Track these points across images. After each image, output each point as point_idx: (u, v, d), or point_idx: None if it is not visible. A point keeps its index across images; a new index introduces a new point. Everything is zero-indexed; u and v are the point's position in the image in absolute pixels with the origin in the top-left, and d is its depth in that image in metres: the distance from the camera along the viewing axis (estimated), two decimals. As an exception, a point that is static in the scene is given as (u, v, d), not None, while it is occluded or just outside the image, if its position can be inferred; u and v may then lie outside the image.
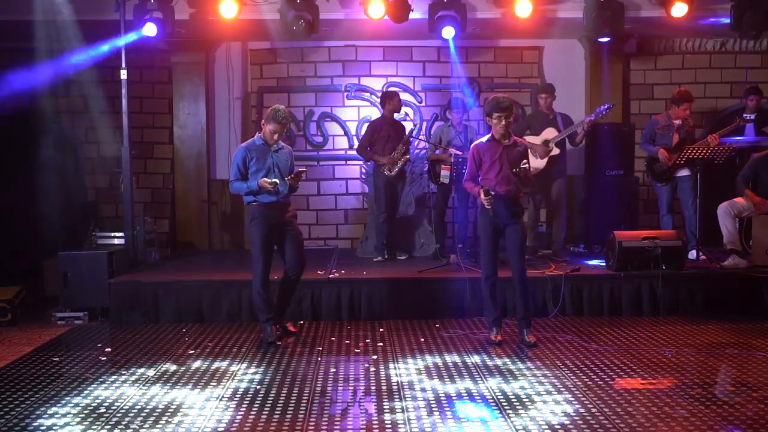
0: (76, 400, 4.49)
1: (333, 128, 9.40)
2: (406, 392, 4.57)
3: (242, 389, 4.67)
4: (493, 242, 5.71)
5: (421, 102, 9.37)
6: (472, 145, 5.81)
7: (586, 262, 7.54)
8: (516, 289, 5.74)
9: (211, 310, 6.72)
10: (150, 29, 7.52)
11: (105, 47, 7.82)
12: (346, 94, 9.37)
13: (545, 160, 7.57)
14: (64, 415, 4.22)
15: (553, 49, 9.37)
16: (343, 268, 7.38)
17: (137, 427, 4.01)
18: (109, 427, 4.03)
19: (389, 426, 3.99)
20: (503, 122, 5.56)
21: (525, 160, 5.62)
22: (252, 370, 5.12)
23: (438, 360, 5.32)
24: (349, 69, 9.35)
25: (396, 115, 8.12)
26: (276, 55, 9.34)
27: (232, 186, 5.85)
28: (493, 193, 5.52)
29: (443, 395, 4.50)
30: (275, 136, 5.76)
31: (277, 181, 5.66)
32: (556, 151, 7.66)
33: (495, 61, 9.41)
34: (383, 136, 7.87)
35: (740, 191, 7.16)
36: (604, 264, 7.20)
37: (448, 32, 7.78)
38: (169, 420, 4.13)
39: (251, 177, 5.74)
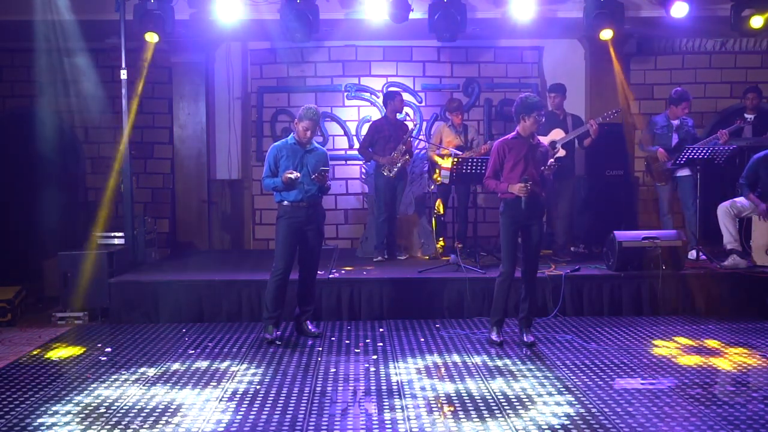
0: (76, 400, 4.49)
1: (333, 128, 9.40)
2: (406, 392, 4.57)
3: (242, 389, 4.67)
4: (514, 242, 5.65)
5: (421, 102, 9.37)
6: (498, 142, 5.69)
7: (586, 262, 7.55)
8: (524, 288, 5.71)
9: (211, 310, 6.71)
10: (151, 37, 7.52)
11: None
12: (346, 94, 9.37)
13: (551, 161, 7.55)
14: (64, 416, 4.22)
15: (553, 49, 9.37)
16: (343, 268, 7.38)
17: (137, 427, 4.01)
18: (109, 427, 4.03)
19: (389, 426, 3.99)
20: (542, 120, 5.58)
21: (552, 160, 5.62)
22: (252, 370, 5.12)
23: (438, 360, 5.32)
24: (349, 69, 9.35)
25: (398, 115, 8.13)
26: (276, 55, 9.33)
27: (263, 182, 5.94)
28: (531, 181, 5.44)
29: (443, 395, 4.51)
30: (308, 133, 5.82)
31: (295, 173, 5.68)
32: (562, 152, 7.61)
33: (495, 61, 9.41)
34: (384, 137, 7.88)
35: (745, 196, 7.14)
36: (604, 264, 7.20)
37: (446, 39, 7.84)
38: (169, 420, 4.13)
39: (281, 175, 5.81)
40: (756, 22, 7.77)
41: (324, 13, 7.79)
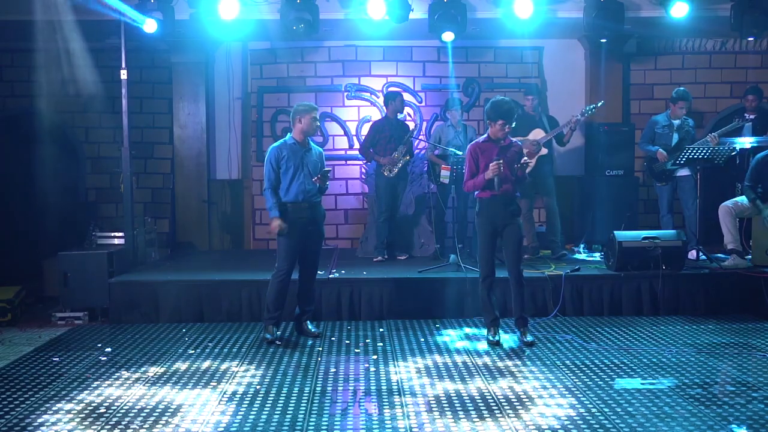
0: (76, 400, 4.49)
1: (333, 128, 9.40)
2: (406, 392, 4.57)
3: (242, 389, 4.67)
4: (491, 242, 5.71)
5: (421, 102, 9.37)
6: (470, 146, 5.80)
7: (586, 262, 7.55)
8: (512, 289, 5.74)
9: (211, 310, 6.71)
10: (150, 25, 7.52)
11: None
12: (346, 94, 9.37)
13: (534, 160, 7.58)
14: (64, 416, 4.22)
15: (553, 49, 9.37)
16: (343, 268, 7.38)
17: (137, 427, 4.01)
18: (109, 427, 4.03)
19: (389, 426, 3.99)
20: (506, 129, 5.57)
21: (524, 158, 5.65)
22: (252, 370, 5.12)
23: (438, 360, 5.33)
24: (349, 69, 9.35)
25: (399, 115, 8.13)
26: (276, 55, 9.34)
27: (265, 193, 5.89)
28: (501, 160, 5.48)
29: (443, 395, 4.51)
30: (317, 123, 5.89)
31: (284, 226, 5.75)
32: (544, 151, 7.71)
33: (495, 61, 9.41)
34: (385, 137, 7.88)
35: (749, 200, 7.08)
36: (604, 264, 7.20)
37: (448, 36, 7.80)
38: (169, 420, 4.13)
39: (282, 177, 5.80)
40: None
41: (324, 13, 7.78)
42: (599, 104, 7.74)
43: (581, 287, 6.79)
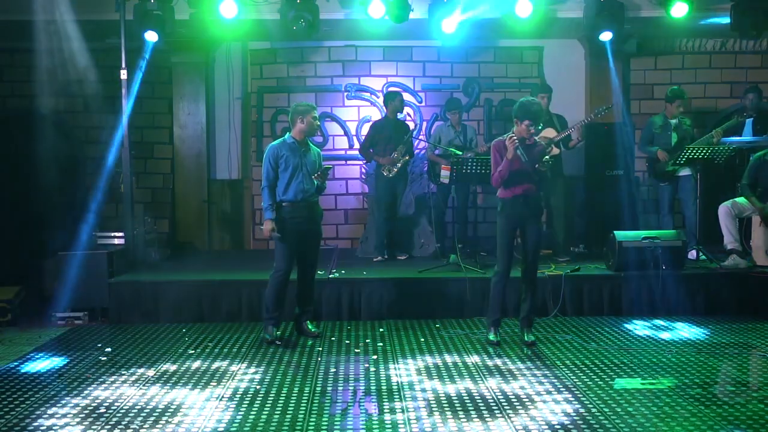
0: (76, 400, 4.49)
1: (333, 128, 9.40)
2: (406, 392, 4.57)
3: (242, 389, 4.67)
4: (510, 242, 5.68)
5: (421, 102, 9.37)
6: (495, 141, 5.73)
7: (586, 262, 7.56)
8: (525, 288, 5.72)
9: (211, 310, 6.71)
10: (151, 36, 7.52)
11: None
12: (346, 94, 9.38)
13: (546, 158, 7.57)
14: (64, 415, 4.22)
15: (553, 49, 9.37)
16: (343, 268, 7.38)
17: (137, 427, 4.01)
18: (109, 427, 4.03)
19: (389, 426, 3.99)
20: (532, 130, 5.55)
21: (547, 157, 5.64)
22: (252, 370, 5.12)
23: (438, 360, 5.32)
24: (349, 69, 9.36)
25: (399, 115, 8.14)
26: (276, 55, 9.34)
27: (263, 192, 5.88)
28: (515, 137, 5.48)
29: (443, 395, 4.51)
30: (317, 123, 5.92)
31: (276, 231, 5.74)
32: (555, 151, 7.67)
33: (495, 61, 9.41)
34: (385, 137, 7.89)
35: (747, 199, 7.11)
36: (604, 264, 7.20)
37: (449, 26, 7.78)
38: (169, 420, 4.13)
39: (280, 175, 5.80)
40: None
41: (324, 13, 7.79)
42: (610, 106, 7.75)
43: (581, 287, 6.79)
